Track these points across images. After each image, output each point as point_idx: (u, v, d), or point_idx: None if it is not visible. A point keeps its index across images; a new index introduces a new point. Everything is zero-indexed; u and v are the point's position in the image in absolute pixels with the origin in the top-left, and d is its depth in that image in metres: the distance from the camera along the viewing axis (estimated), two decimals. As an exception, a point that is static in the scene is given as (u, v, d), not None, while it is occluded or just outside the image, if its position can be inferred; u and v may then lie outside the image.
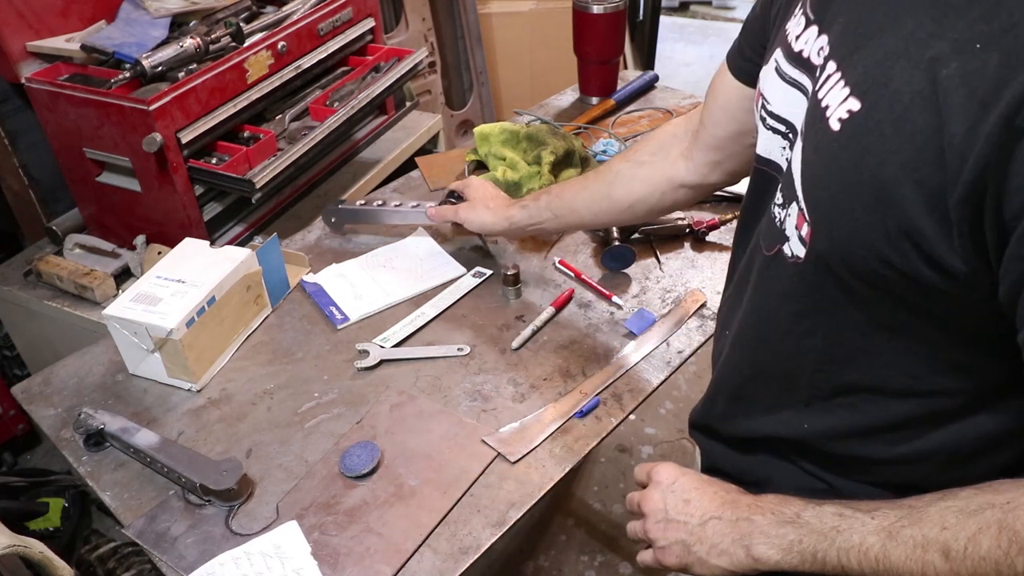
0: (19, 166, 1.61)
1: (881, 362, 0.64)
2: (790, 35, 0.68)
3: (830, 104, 0.58)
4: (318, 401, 1.03)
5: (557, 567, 1.86)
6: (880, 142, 0.54)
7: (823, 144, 0.59)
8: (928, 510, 0.59)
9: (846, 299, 0.62)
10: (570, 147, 1.43)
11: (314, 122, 1.62)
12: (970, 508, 0.56)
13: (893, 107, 0.53)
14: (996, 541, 0.54)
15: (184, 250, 1.13)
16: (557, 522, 1.96)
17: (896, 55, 0.53)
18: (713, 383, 0.88)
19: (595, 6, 1.67)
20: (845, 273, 0.60)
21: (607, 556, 1.88)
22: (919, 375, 0.63)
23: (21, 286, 1.56)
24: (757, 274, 0.73)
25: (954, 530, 0.56)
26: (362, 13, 1.78)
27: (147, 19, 1.52)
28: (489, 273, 1.24)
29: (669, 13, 5.13)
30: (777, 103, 0.70)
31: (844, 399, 0.69)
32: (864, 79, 0.56)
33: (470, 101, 2.86)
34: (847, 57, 0.58)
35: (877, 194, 0.54)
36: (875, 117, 0.54)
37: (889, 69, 0.54)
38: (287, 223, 1.67)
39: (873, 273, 0.58)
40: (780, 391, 0.75)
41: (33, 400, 1.06)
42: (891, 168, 0.53)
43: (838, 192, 0.58)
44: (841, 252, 0.59)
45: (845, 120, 0.57)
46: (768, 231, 0.70)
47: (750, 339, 0.77)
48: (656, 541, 0.77)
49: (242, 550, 0.84)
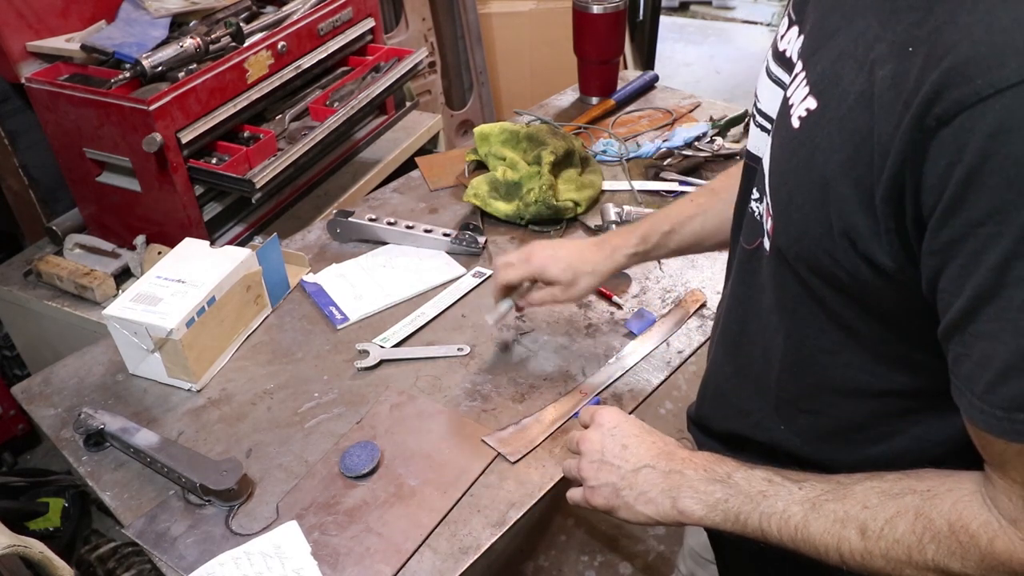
0: (19, 166, 1.61)
1: (841, 361, 0.65)
2: (778, 35, 0.70)
3: (794, 103, 0.60)
4: (318, 401, 1.03)
5: (557, 567, 1.86)
6: (828, 140, 0.55)
7: (785, 141, 0.61)
8: (854, 488, 0.60)
9: (804, 295, 0.63)
10: (570, 147, 1.43)
11: (314, 122, 1.62)
12: (893, 491, 0.58)
13: (840, 106, 0.54)
14: (911, 526, 0.56)
15: (184, 250, 1.13)
16: (557, 522, 1.96)
17: (847, 55, 0.54)
18: (703, 380, 0.88)
19: (595, 6, 1.67)
20: (801, 268, 0.62)
21: (607, 556, 1.88)
22: (877, 373, 0.63)
23: (21, 286, 1.56)
24: (738, 268, 0.75)
25: (874, 510, 0.58)
26: (362, 13, 1.78)
27: (147, 19, 1.52)
28: (489, 273, 1.24)
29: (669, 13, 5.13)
30: (764, 101, 0.71)
31: (808, 402, 0.70)
32: (821, 78, 0.57)
33: (470, 101, 2.86)
34: (810, 57, 0.60)
35: (822, 191, 0.55)
36: (827, 116, 0.55)
37: (841, 69, 0.55)
38: (287, 223, 1.67)
39: (823, 268, 0.59)
40: (752, 393, 0.76)
41: (33, 400, 1.06)
42: (833, 166, 0.54)
43: (793, 188, 0.59)
44: (796, 247, 0.60)
45: (803, 118, 0.58)
46: (748, 225, 0.72)
47: (732, 335, 0.77)
48: (587, 480, 0.78)
49: (242, 550, 0.84)
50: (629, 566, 1.86)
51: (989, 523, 0.53)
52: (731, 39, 4.91)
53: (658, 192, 1.45)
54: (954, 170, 0.46)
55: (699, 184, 1.42)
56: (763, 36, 4.93)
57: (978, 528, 0.53)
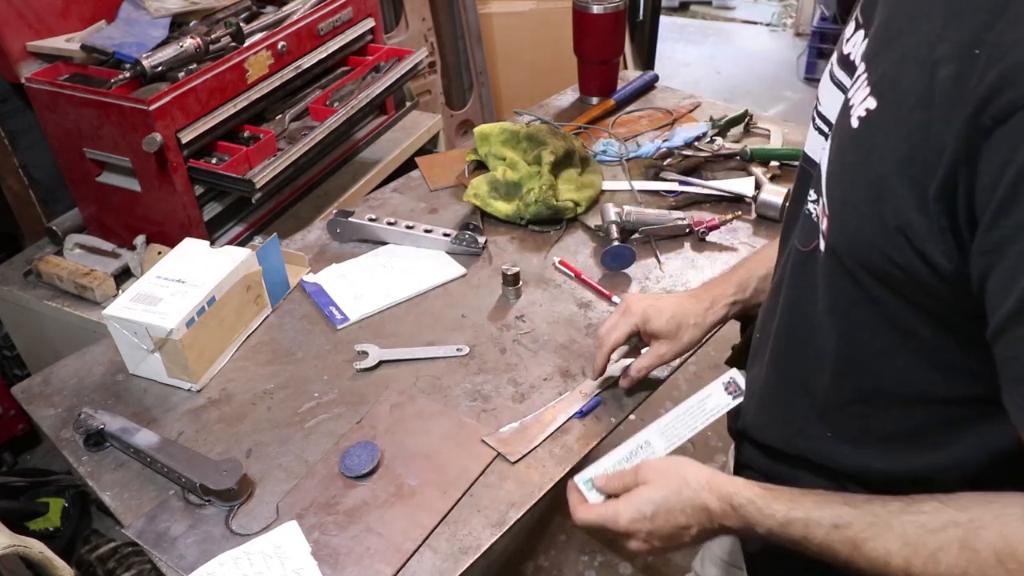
0: (19, 166, 1.61)
1: (895, 365, 0.64)
2: (843, 38, 0.70)
3: (854, 103, 0.60)
4: (318, 401, 1.03)
5: (557, 567, 1.86)
6: (885, 139, 0.55)
7: (844, 141, 0.61)
8: (892, 523, 0.59)
9: (859, 296, 0.63)
10: (570, 147, 1.43)
11: (314, 122, 1.62)
12: (933, 525, 0.57)
13: (899, 106, 0.54)
14: (956, 560, 0.55)
15: (184, 250, 1.13)
16: (557, 522, 1.96)
17: (909, 57, 0.55)
18: (749, 397, 0.86)
19: (595, 6, 1.67)
20: (856, 268, 0.61)
21: (607, 556, 1.88)
22: (932, 380, 0.63)
23: (21, 286, 1.56)
24: (792, 271, 0.73)
25: (915, 547, 0.57)
26: (362, 13, 1.78)
27: (147, 19, 1.52)
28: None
29: (669, 13, 5.13)
30: (825, 104, 0.72)
31: (859, 408, 0.69)
32: (882, 79, 0.57)
33: (470, 101, 2.86)
34: (873, 58, 0.60)
35: (878, 189, 0.55)
36: (885, 116, 0.56)
37: (903, 70, 0.55)
38: (287, 223, 1.67)
39: (878, 268, 0.58)
40: (799, 400, 0.74)
41: (33, 400, 1.06)
42: (890, 164, 0.54)
43: (849, 187, 0.59)
44: (850, 246, 0.60)
45: (863, 118, 0.58)
46: (804, 227, 0.71)
47: (782, 340, 0.76)
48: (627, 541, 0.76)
49: (242, 550, 0.84)
50: (629, 566, 1.86)
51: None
52: (731, 39, 4.91)
53: (658, 192, 1.45)
54: (1006, 170, 0.46)
55: (699, 183, 1.42)
56: (763, 36, 4.93)
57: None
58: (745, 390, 0.83)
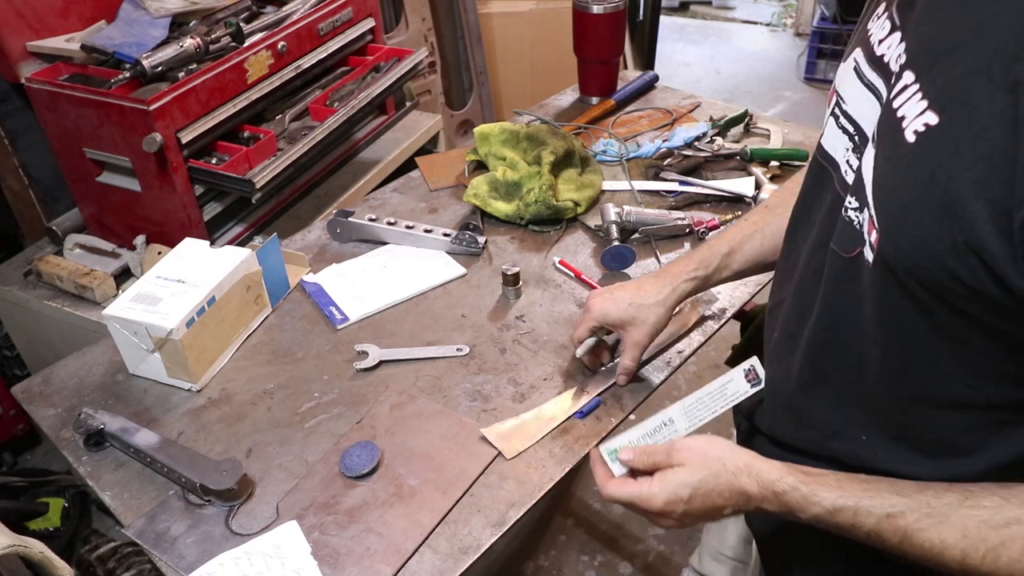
0: (19, 166, 1.61)
1: (942, 373, 0.64)
2: (872, 36, 0.68)
3: (906, 115, 0.59)
4: (318, 401, 1.03)
5: (557, 567, 1.86)
6: (955, 158, 0.54)
7: (897, 154, 0.59)
8: (950, 516, 0.61)
9: (909, 307, 0.62)
10: (570, 147, 1.43)
11: (314, 122, 1.62)
12: (994, 521, 0.59)
13: (972, 125, 0.53)
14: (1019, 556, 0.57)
15: (184, 250, 1.13)
16: (557, 522, 1.96)
17: (978, 72, 0.53)
18: (767, 396, 0.85)
19: (595, 6, 1.67)
20: (910, 282, 0.60)
21: (607, 556, 1.88)
22: (977, 386, 0.63)
23: (21, 286, 1.56)
24: (834, 277, 0.72)
25: (974, 540, 0.59)
26: (362, 13, 1.78)
27: (147, 19, 1.52)
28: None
29: (669, 13, 5.13)
30: (852, 103, 0.70)
31: (901, 414, 0.69)
32: (943, 94, 0.56)
33: (470, 101, 2.86)
34: (927, 69, 0.58)
35: (948, 208, 0.55)
36: (952, 133, 0.55)
37: (971, 86, 0.54)
38: (287, 223, 1.67)
39: (938, 284, 0.58)
40: (835, 402, 0.74)
41: (33, 400, 1.06)
42: (962, 184, 0.53)
43: (909, 203, 0.58)
44: (908, 261, 0.59)
45: (921, 133, 0.57)
46: (845, 234, 0.69)
47: (823, 345, 0.74)
48: (658, 519, 0.77)
49: (242, 550, 0.84)
50: (629, 566, 1.86)
51: None
52: (731, 39, 4.91)
53: (658, 192, 1.45)
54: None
55: (699, 183, 1.42)
56: (763, 36, 4.94)
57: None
58: (772, 390, 0.83)
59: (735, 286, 1.21)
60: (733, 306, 1.18)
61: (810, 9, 4.65)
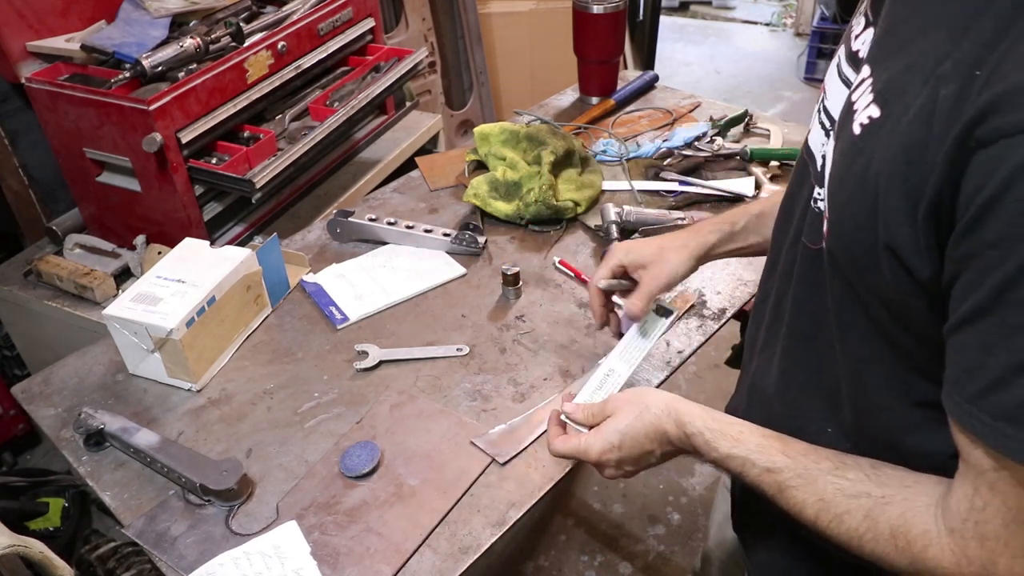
0: (19, 166, 1.61)
1: (885, 370, 0.64)
2: (852, 32, 0.69)
3: (858, 108, 0.60)
4: (318, 401, 1.03)
5: (557, 567, 1.86)
6: (885, 151, 0.55)
7: (846, 146, 0.61)
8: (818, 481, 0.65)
9: (854, 301, 0.63)
10: (570, 147, 1.43)
11: (314, 122, 1.62)
12: (850, 491, 0.63)
13: (900, 119, 0.54)
14: (856, 524, 0.62)
15: (184, 250, 1.13)
16: (557, 522, 1.96)
17: (916, 68, 0.54)
18: (746, 390, 0.86)
19: (595, 6, 1.67)
20: (852, 274, 0.62)
21: (607, 556, 1.88)
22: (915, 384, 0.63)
23: (21, 286, 1.56)
24: (803, 270, 0.73)
25: (828, 504, 0.64)
26: (362, 13, 1.78)
27: (147, 19, 1.52)
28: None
29: (669, 13, 5.13)
30: (831, 98, 0.71)
31: (855, 408, 0.69)
32: (886, 88, 0.57)
33: (470, 101, 2.86)
34: (879, 64, 0.60)
35: (874, 203, 0.56)
36: (887, 127, 0.55)
37: (908, 81, 0.55)
38: (287, 223, 1.67)
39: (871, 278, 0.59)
40: (808, 397, 0.74)
41: (33, 400, 1.06)
42: (885, 179, 0.55)
43: (850, 197, 0.59)
44: (846, 252, 0.61)
45: (865, 126, 0.58)
46: (814, 226, 0.70)
47: (795, 337, 0.75)
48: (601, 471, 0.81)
49: (242, 550, 0.84)
50: (629, 566, 1.86)
51: (928, 533, 0.57)
52: (731, 39, 4.91)
53: (658, 192, 1.45)
54: (980, 192, 0.48)
55: (699, 183, 1.42)
56: (763, 36, 4.94)
57: (916, 536, 0.58)
58: (740, 381, 0.86)
59: (735, 286, 1.21)
60: (733, 306, 1.18)
61: (810, 9, 4.65)
